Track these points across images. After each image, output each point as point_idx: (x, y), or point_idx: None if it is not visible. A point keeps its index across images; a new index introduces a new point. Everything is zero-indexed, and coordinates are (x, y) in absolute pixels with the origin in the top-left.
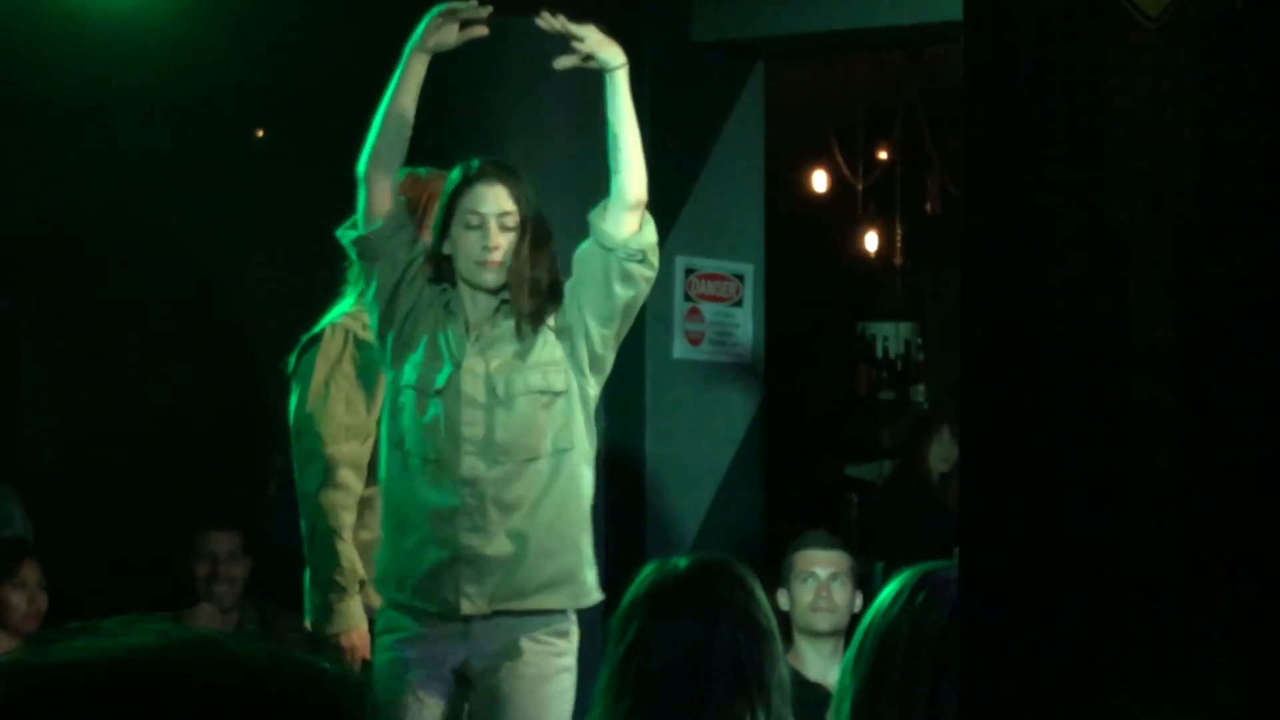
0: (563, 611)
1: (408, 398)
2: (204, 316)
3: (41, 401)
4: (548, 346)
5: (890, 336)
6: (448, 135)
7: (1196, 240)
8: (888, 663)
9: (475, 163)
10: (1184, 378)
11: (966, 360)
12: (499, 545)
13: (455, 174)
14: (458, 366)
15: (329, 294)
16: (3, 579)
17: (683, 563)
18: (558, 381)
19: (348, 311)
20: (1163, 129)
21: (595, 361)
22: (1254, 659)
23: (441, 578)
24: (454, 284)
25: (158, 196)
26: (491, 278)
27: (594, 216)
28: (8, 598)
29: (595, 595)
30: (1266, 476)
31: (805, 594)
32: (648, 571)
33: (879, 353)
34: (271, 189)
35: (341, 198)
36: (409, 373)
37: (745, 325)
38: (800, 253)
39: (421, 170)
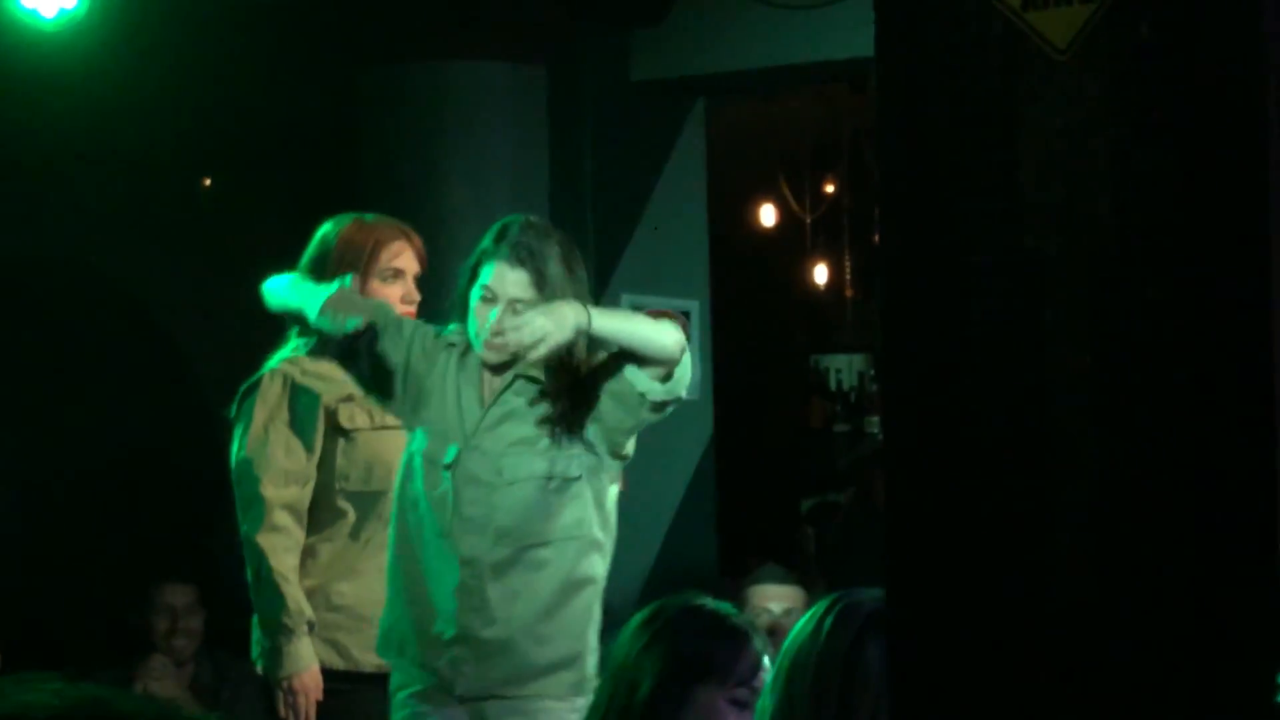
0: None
1: (419, 464)
2: (154, 366)
3: None
4: (551, 431)
5: (843, 369)
6: (392, 179)
7: (1112, 269)
8: (798, 685)
9: (514, 227)
10: (1102, 407)
11: (886, 393)
12: (498, 629)
13: (490, 234)
14: (466, 442)
15: (274, 340)
16: None
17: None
18: (571, 467)
19: (287, 357)
20: (1075, 159)
21: (615, 450)
22: (1180, 683)
23: (440, 653)
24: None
25: (105, 246)
26: (492, 357)
27: (631, 371)
28: None
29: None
30: (1187, 505)
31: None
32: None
33: (833, 385)
34: (218, 237)
35: (288, 245)
36: (421, 438)
37: (693, 362)
38: (751, 287)
39: (368, 216)
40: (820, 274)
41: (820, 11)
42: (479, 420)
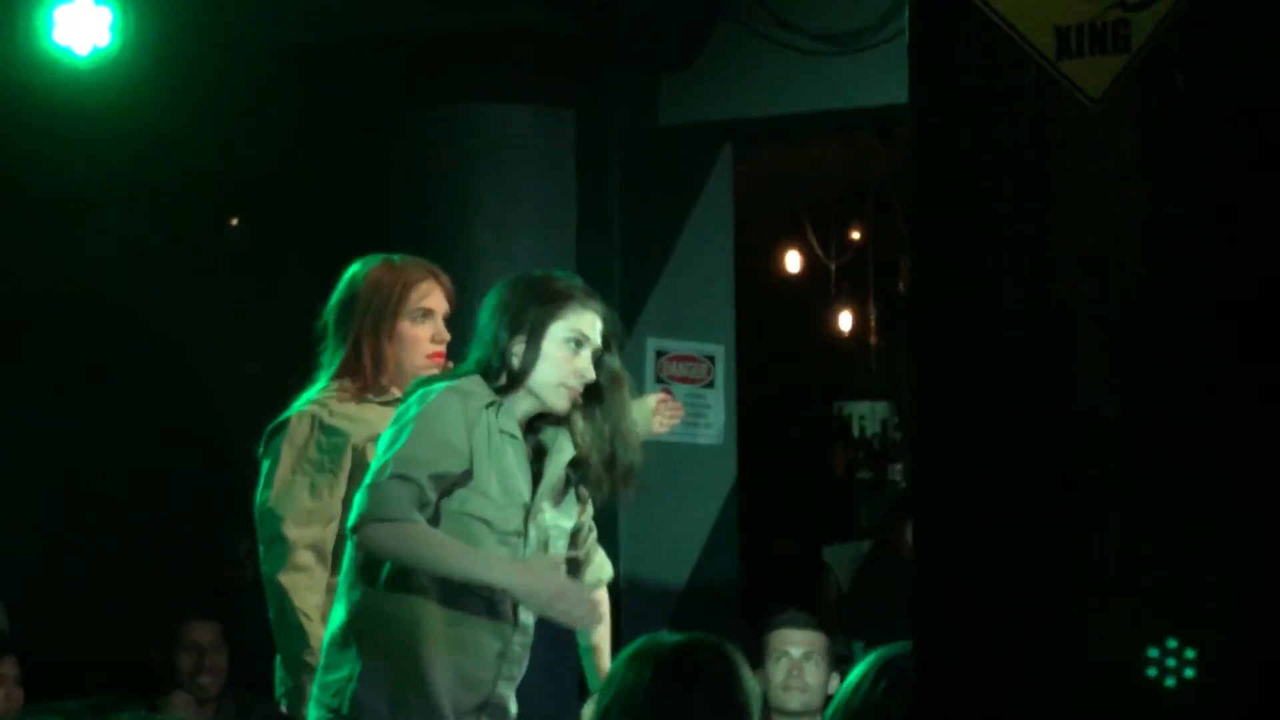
0: None
1: (479, 530)
2: (180, 402)
3: (15, 487)
4: (574, 519)
5: (866, 416)
6: (419, 221)
7: (1142, 319)
8: None
9: (577, 280)
10: (1132, 454)
11: (917, 439)
12: (513, 693)
13: (563, 280)
14: (528, 512)
15: (303, 379)
16: None
17: (675, 636)
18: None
19: (314, 398)
20: (1107, 208)
21: None
22: None
23: (460, 716)
24: (504, 394)
25: (133, 282)
26: (567, 405)
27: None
28: None
29: None
30: (1217, 551)
31: (778, 673)
32: (639, 640)
33: (855, 432)
34: (247, 274)
35: (316, 284)
36: (481, 505)
37: (717, 406)
38: (775, 333)
39: (396, 257)
40: (845, 321)
41: (850, 58)
42: (533, 491)
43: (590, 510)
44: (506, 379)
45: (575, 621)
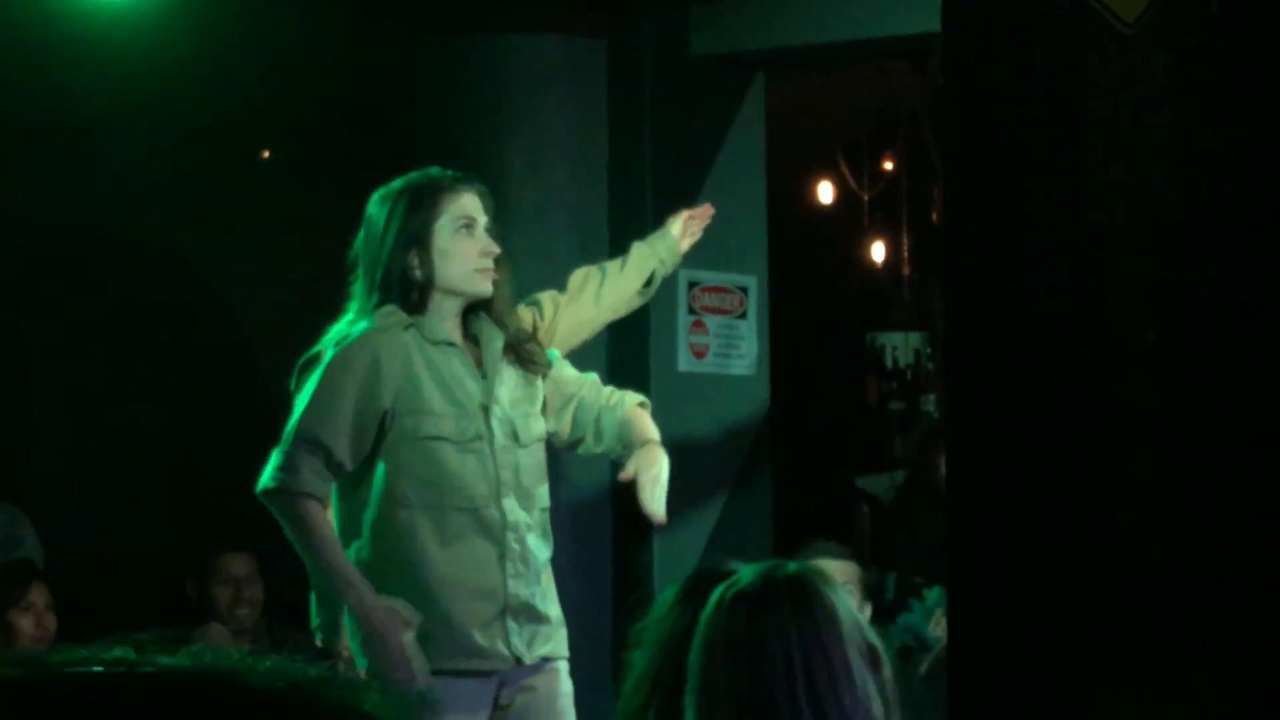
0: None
1: (442, 450)
2: (212, 338)
3: (52, 425)
4: (539, 392)
5: (900, 346)
6: (450, 151)
7: (1175, 244)
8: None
9: (440, 171)
10: (1166, 379)
11: (950, 366)
12: (539, 592)
13: (425, 179)
14: (485, 409)
15: (333, 311)
16: (10, 603)
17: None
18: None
19: (345, 331)
20: (1140, 134)
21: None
22: (1244, 656)
23: (491, 632)
24: (422, 309)
25: (164, 219)
26: (489, 286)
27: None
28: (15, 622)
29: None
30: (1251, 475)
31: None
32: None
33: (889, 363)
34: (277, 209)
35: (347, 217)
36: (434, 425)
37: (750, 337)
38: (808, 264)
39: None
40: (878, 251)
41: None
42: (484, 387)
43: (559, 380)
44: (417, 294)
45: (389, 676)
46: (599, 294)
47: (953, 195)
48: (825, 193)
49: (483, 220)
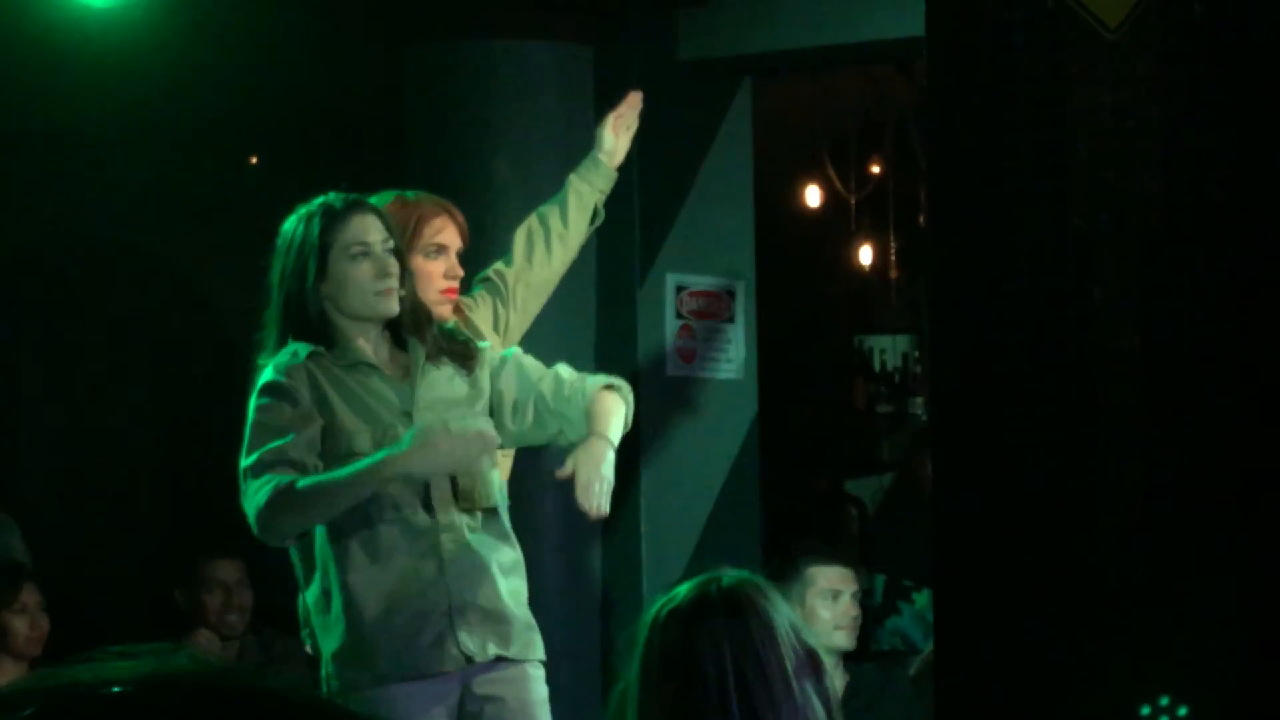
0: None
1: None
2: (200, 344)
3: (40, 431)
4: (483, 393)
5: (887, 350)
6: (437, 156)
7: (1160, 248)
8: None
9: (336, 197)
10: (1150, 382)
11: (935, 370)
12: (487, 593)
13: (316, 210)
14: (408, 415)
15: None
16: (3, 605)
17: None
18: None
19: None
20: (1125, 138)
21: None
22: (1229, 657)
23: (440, 635)
24: (328, 342)
25: (151, 223)
26: (394, 306)
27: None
28: (9, 623)
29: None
30: (1234, 478)
31: (829, 611)
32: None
33: (876, 366)
34: (264, 214)
35: None
36: (357, 443)
37: (737, 341)
38: (796, 267)
39: (409, 193)
40: (865, 255)
41: None
42: (405, 394)
43: (520, 377)
44: (322, 325)
45: (475, 460)
46: (549, 254)
47: (937, 199)
48: (812, 196)
49: (378, 239)
